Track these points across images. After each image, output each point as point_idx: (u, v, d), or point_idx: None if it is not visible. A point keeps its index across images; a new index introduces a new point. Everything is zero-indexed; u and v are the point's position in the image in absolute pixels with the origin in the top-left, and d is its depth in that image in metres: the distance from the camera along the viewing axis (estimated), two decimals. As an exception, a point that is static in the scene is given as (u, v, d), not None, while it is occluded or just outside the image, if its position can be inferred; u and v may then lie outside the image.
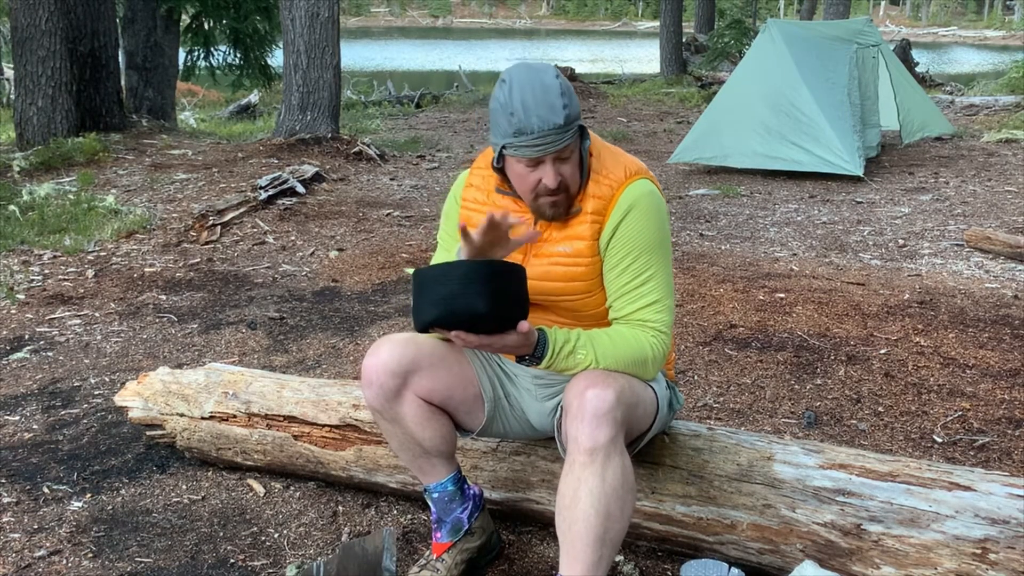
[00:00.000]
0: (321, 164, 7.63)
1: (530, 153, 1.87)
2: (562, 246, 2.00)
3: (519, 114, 1.84)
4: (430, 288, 1.81)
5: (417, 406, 2.08)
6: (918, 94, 9.70)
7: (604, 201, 1.97)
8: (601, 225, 1.98)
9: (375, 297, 4.65)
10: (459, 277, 1.79)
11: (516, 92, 1.85)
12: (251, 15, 11.34)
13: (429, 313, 1.81)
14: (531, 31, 63.49)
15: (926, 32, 54.88)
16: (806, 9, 21.00)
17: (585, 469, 1.81)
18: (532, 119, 1.83)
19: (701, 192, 7.32)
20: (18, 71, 8.27)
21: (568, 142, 1.88)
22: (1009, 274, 4.88)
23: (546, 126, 1.83)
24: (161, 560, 2.39)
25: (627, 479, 1.84)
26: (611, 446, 1.81)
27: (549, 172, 1.89)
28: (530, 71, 1.87)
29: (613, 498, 1.81)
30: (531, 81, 1.85)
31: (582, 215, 1.98)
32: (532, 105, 1.83)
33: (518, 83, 1.85)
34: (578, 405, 1.83)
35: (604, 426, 1.81)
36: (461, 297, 1.78)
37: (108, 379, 3.64)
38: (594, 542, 1.80)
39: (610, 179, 1.98)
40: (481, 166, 2.13)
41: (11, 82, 11.85)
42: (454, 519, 2.20)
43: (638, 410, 1.94)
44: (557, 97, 1.84)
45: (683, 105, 13.57)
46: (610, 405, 1.81)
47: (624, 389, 1.87)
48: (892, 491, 2.01)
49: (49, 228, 5.80)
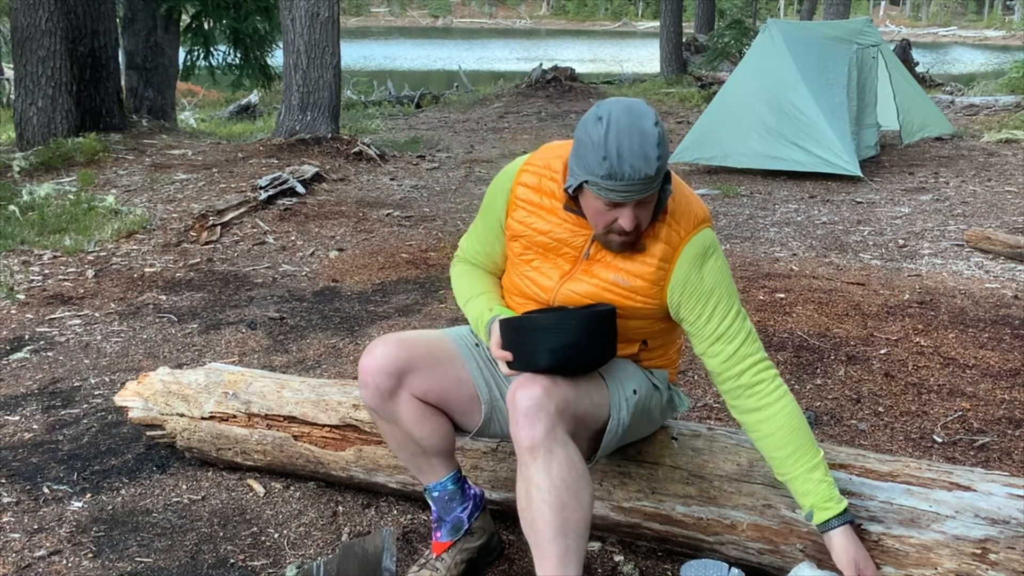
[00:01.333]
0: (321, 164, 7.62)
1: (615, 198, 1.82)
2: (618, 276, 1.98)
3: (612, 159, 1.77)
4: (546, 337, 1.87)
5: (413, 405, 2.08)
6: (918, 94, 9.69)
7: (672, 248, 1.96)
8: (667, 272, 1.97)
9: (375, 297, 4.65)
10: (581, 327, 1.89)
11: (613, 135, 1.77)
12: (251, 15, 11.33)
13: (547, 360, 1.87)
14: (531, 31, 63.48)
15: (926, 32, 54.87)
16: (806, 9, 20.97)
17: (529, 468, 1.83)
18: (625, 167, 1.77)
19: (701, 192, 7.31)
20: (18, 71, 8.26)
21: (653, 192, 1.85)
22: (1009, 274, 4.87)
23: (637, 176, 1.77)
24: (161, 560, 2.39)
25: (575, 467, 1.84)
26: (549, 439, 1.82)
27: (628, 216, 1.85)
28: (631, 115, 1.79)
29: (563, 489, 1.81)
30: (630, 128, 1.77)
31: (647, 255, 1.96)
32: (627, 154, 1.76)
33: (616, 126, 1.77)
34: (512, 409, 1.85)
35: (537, 422, 1.81)
36: (581, 348, 1.89)
37: (108, 379, 3.64)
38: (555, 536, 1.80)
39: (680, 227, 1.96)
40: (538, 165, 2.06)
41: (11, 82, 11.85)
42: (454, 518, 2.20)
43: (583, 402, 1.93)
44: (653, 148, 1.78)
45: (683, 105, 13.56)
46: (538, 400, 1.82)
47: (556, 382, 1.87)
48: (892, 491, 2.01)
49: (49, 228, 5.80)
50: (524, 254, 2.08)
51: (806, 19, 19.51)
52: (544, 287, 2.05)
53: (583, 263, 2.01)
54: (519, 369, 1.91)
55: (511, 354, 1.92)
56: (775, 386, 1.98)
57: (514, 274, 2.13)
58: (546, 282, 2.05)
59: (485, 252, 2.21)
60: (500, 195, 2.10)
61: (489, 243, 2.18)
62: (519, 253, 2.09)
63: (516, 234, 2.07)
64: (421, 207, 6.73)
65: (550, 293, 2.05)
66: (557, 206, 2.01)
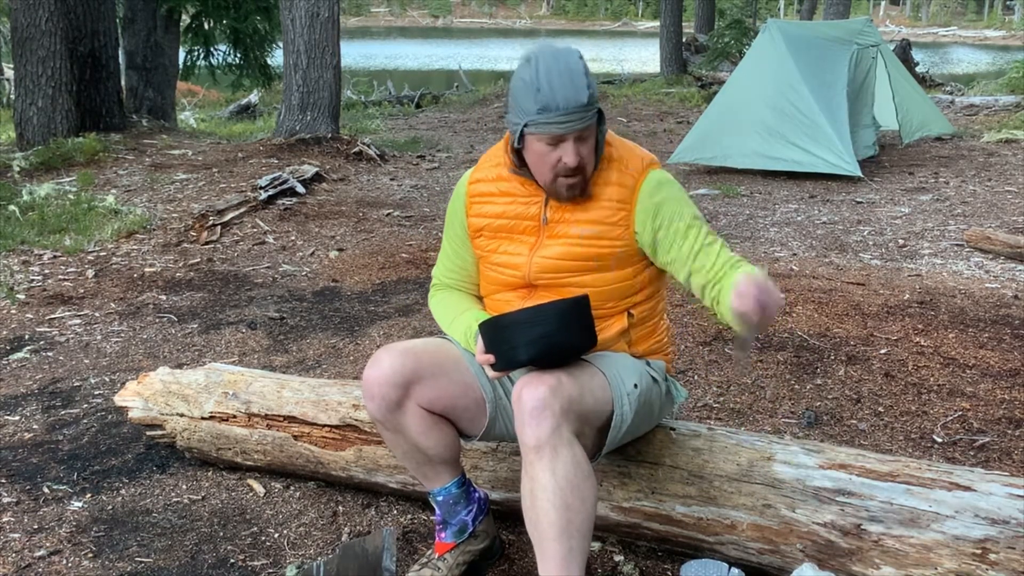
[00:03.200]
0: (321, 164, 7.62)
1: (555, 130, 1.92)
2: (581, 228, 2.05)
3: (545, 91, 1.88)
4: (523, 330, 1.89)
5: (420, 416, 2.07)
6: (918, 94, 9.69)
7: (628, 189, 2.04)
8: (628, 212, 2.04)
9: (375, 297, 4.65)
10: (554, 317, 1.89)
11: (543, 70, 1.89)
12: (251, 15, 11.34)
13: (526, 353, 1.89)
14: (531, 31, 63.47)
15: (926, 32, 54.88)
16: (806, 9, 20.96)
17: (534, 467, 1.82)
18: (558, 97, 1.88)
19: (701, 192, 7.32)
20: (18, 71, 8.26)
21: (590, 122, 1.94)
22: (1009, 274, 4.87)
23: (571, 104, 1.89)
24: (161, 560, 2.39)
25: (580, 468, 1.83)
26: (555, 438, 1.81)
27: (570, 151, 1.94)
28: (556, 52, 1.92)
29: (568, 489, 1.80)
30: (557, 61, 1.90)
31: (602, 200, 2.04)
32: (558, 84, 1.88)
33: (544, 62, 1.90)
34: (517, 408, 1.85)
35: (543, 420, 1.81)
36: (557, 335, 1.89)
37: (108, 379, 3.64)
38: (559, 536, 1.80)
39: (631, 168, 2.06)
40: (484, 164, 2.18)
41: (11, 82, 11.85)
42: (459, 521, 2.20)
43: (586, 399, 1.93)
44: (582, 77, 1.90)
45: (683, 105, 13.56)
46: (544, 399, 1.82)
47: (562, 382, 1.87)
48: (892, 491, 2.01)
49: (49, 228, 5.80)
50: (490, 244, 2.14)
51: (806, 19, 19.51)
52: (517, 265, 2.10)
53: (544, 229, 2.07)
54: (502, 368, 1.94)
55: (493, 355, 1.93)
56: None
57: (488, 269, 2.17)
58: (517, 260, 2.10)
59: (458, 267, 2.25)
60: (457, 202, 2.20)
61: (460, 255, 2.23)
62: (486, 246, 2.15)
63: (478, 228, 2.15)
64: (421, 207, 6.73)
65: (524, 269, 2.09)
66: (508, 176, 2.10)
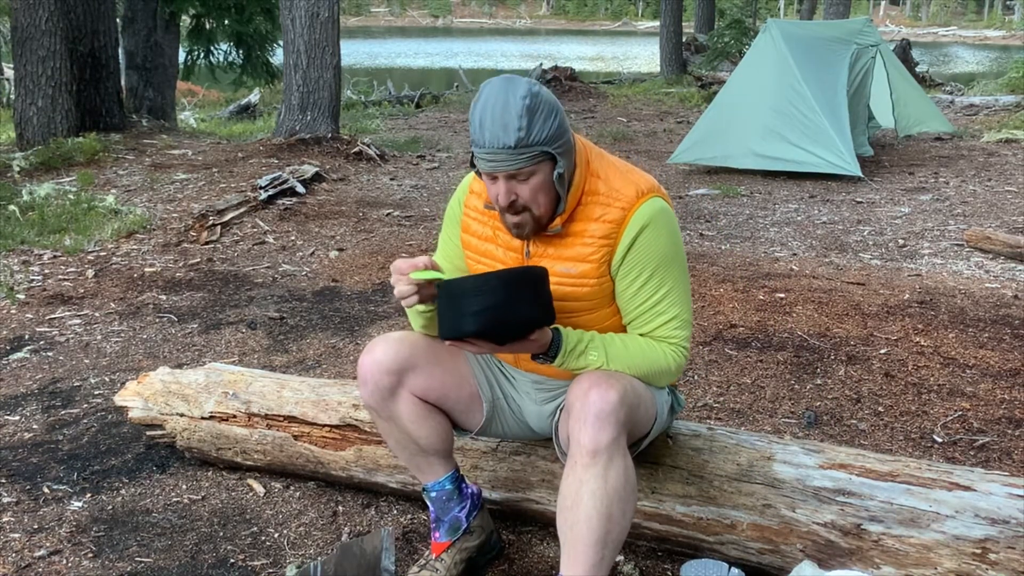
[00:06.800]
0: (321, 164, 7.62)
1: (483, 167, 1.86)
2: (564, 266, 1.96)
3: (475, 125, 1.82)
4: (468, 300, 1.77)
5: (413, 404, 2.08)
6: (918, 94, 9.70)
7: (615, 225, 1.92)
8: (612, 248, 1.93)
9: (375, 297, 4.65)
10: (505, 286, 1.76)
11: (481, 103, 1.82)
12: (254, 17, 11.33)
13: (472, 324, 1.77)
14: (531, 31, 63.50)
15: (926, 32, 54.90)
16: (806, 9, 20.98)
17: (587, 471, 1.80)
18: (486, 134, 1.80)
19: (701, 192, 7.32)
20: (18, 71, 8.26)
21: (522, 166, 1.82)
22: (1009, 274, 4.88)
23: (496, 144, 1.79)
24: (161, 560, 2.39)
25: (629, 481, 1.83)
26: (614, 447, 1.80)
27: (501, 190, 1.85)
28: (502, 86, 1.82)
29: (615, 500, 1.80)
30: (496, 97, 1.80)
31: (584, 237, 1.94)
32: (488, 121, 1.80)
33: (485, 96, 1.82)
34: (580, 406, 1.82)
35: (607, 427, 1.79)
36: (508, 306, 1.76)
37: (108, 379, 3.64)
38: (595, 543, 1.80)
39: (621, 200, 1.92)
40: None
41: (11, 82, 11.85)
42: (452, 518, 2.20)
43: (640, 411, 1.93)
44: (515, 119, 1.78)
45: (683, 105, 13.57)
46: (613, 406, 1.80)
47: (627, 390, 1.86)
48: (892, 491, 2.01)
49: (49, 228, 5.80)
50: (476, 266, 2.09)
51: (806, 19, 19.52)
52: None
53: (528, 263, 1.99)
54: (447, 335, 1.82)
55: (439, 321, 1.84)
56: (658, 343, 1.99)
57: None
58: None
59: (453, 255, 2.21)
60: (456, 206, 2.16)
61: (454, 246, 2.18)
62: (473, 267, 2.11)
63: (466, 243, 2.11)
64: (421, 207, 6.73)
65: None
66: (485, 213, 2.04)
